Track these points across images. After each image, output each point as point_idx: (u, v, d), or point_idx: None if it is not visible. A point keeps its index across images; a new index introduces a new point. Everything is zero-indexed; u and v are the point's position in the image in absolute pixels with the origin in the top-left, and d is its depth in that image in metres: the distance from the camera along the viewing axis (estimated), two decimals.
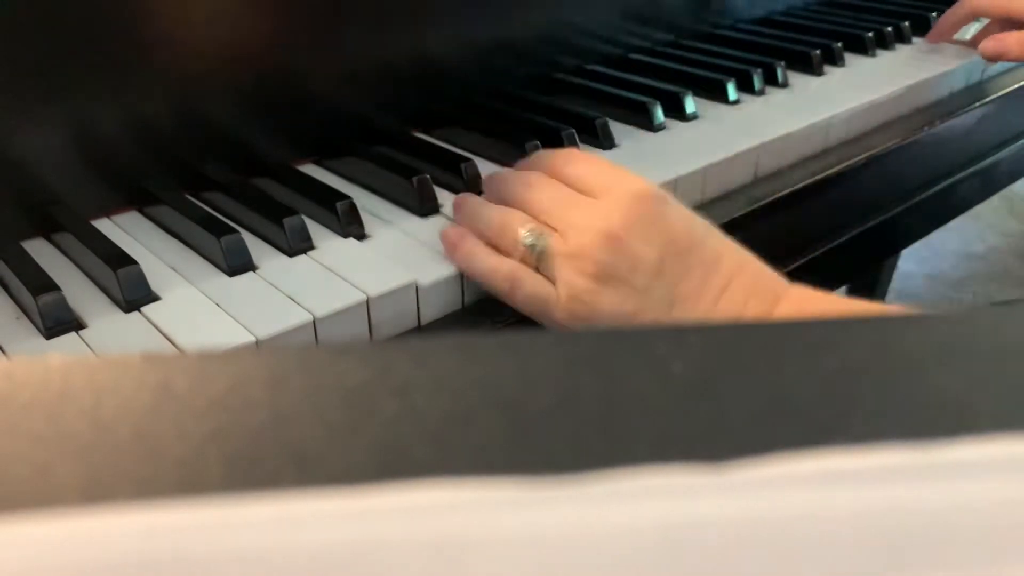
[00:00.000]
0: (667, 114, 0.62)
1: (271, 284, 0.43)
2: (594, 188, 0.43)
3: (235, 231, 0.45)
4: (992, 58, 0.74)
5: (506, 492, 0.12)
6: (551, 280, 0.43)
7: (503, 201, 0.46)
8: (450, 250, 0.46)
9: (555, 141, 0.56)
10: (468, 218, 0.47)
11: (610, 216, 0.41)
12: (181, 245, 0.47)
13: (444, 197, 0.52)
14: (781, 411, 0.14)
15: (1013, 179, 0.85)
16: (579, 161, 0.45)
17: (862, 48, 0.77)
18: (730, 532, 0.12)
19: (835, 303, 0.44)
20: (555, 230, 0.43)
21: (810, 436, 0.14)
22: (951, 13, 0.77)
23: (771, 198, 0.57)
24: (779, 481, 0.13)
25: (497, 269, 0.44)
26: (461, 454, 0.13)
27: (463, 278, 0.45)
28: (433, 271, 0.44)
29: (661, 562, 0.11)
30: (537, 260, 0.43)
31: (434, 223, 0.49)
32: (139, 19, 0.48)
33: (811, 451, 0.13)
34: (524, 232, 0.43)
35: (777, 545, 0.12)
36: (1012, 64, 0.80)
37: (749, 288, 0.42)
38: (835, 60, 0.74)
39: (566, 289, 0.42)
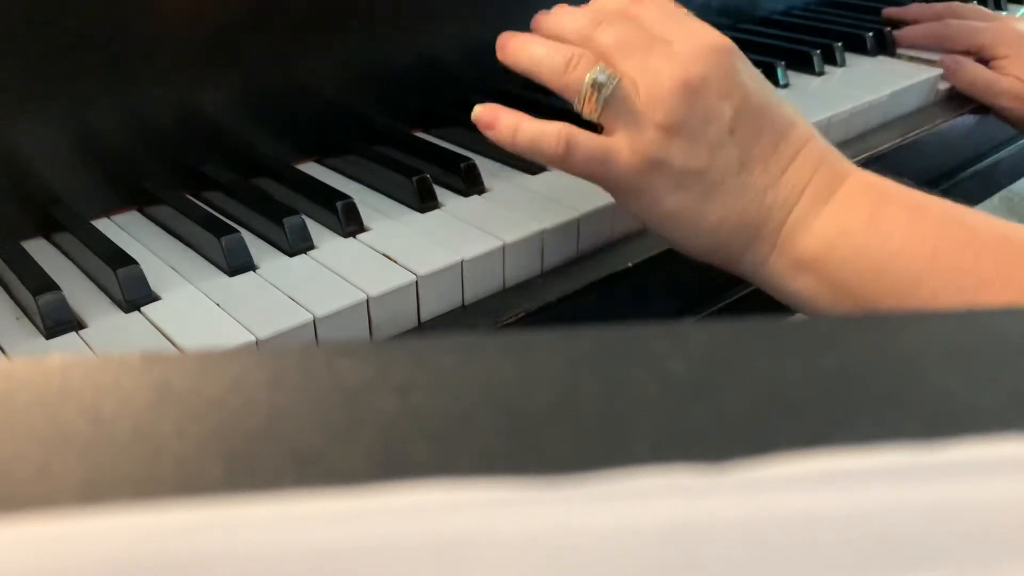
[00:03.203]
0: None
1: (271, 284, 0.43)
2: (669, 33, 0.40)
3: (235, 231, 0.45)
4: (949, 73, 0.72)
5: (506, 492, 0.12)
6: (611, 132, 0.39)
7: (562, 39, 0.42)
8: (487, 127, 0.42)
9: None
10: (517, 53, 0.42)
11: (688, 65, 0.38)
12: (181, 245, 0.47)
13: (444, 196, 0.52)
14: (781, 411, 0.14)
15: (1013, 179, 0.85)
16: (651, 1, 0.41)
17: (862, 48, 0.77)
18: (730, 532, 0.12)
19: (900, 193, 0.40)
20: (624, 74, 0.39)
21: (810, 436, 0.14)
22: (929, 28, 0.76)
23: None
24: (779, 481, 0.13)
25: (546, 131, 0.40)
26: (461, 454, 0.13)
27: (463, 270, 0.45)
28: (433, 262, 0.44)
29: (661, 562, 0.11)
30: (602, 107, 0.39)
31: (434, 222, 0.49)
32: (139, 18, 0.48)
33: (811, 451, 0.13)
34: (595, 70, 0.39)
35: (777, 545, 0.12)
36: None
37: (816, 162, 0.40)
38: (835, 60, 0.74)
39: (633, 141, 0.39)
